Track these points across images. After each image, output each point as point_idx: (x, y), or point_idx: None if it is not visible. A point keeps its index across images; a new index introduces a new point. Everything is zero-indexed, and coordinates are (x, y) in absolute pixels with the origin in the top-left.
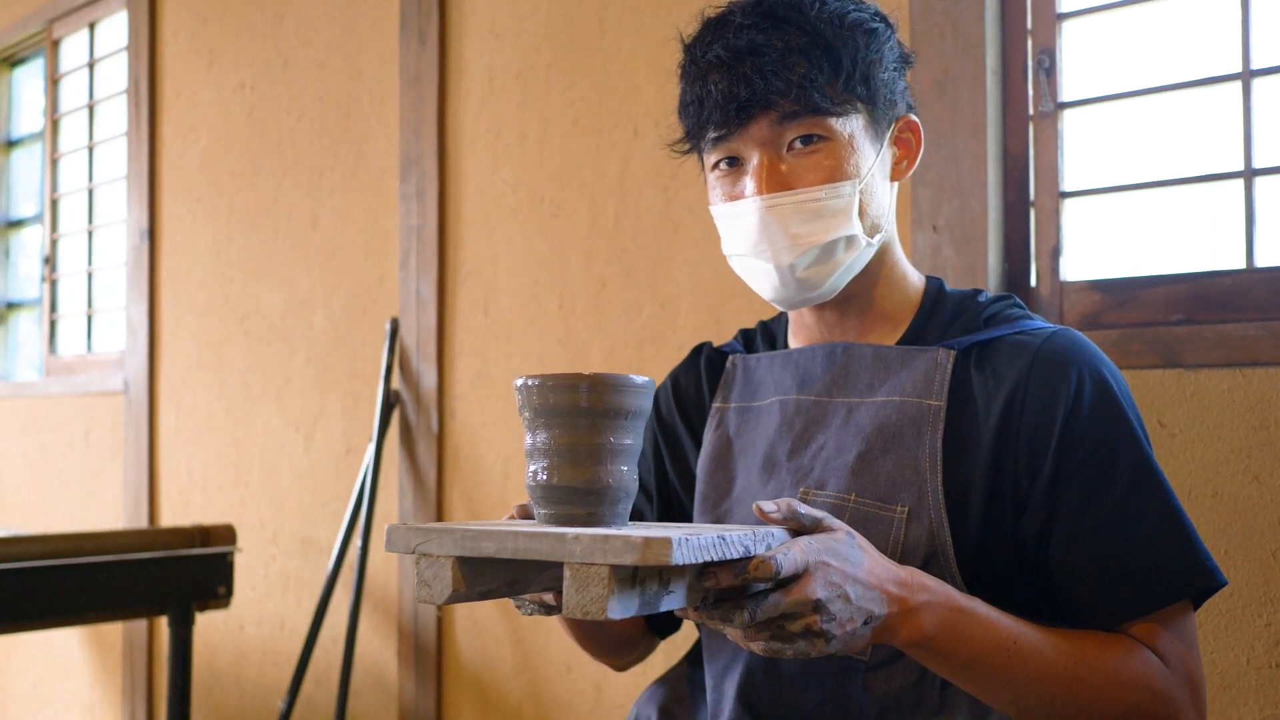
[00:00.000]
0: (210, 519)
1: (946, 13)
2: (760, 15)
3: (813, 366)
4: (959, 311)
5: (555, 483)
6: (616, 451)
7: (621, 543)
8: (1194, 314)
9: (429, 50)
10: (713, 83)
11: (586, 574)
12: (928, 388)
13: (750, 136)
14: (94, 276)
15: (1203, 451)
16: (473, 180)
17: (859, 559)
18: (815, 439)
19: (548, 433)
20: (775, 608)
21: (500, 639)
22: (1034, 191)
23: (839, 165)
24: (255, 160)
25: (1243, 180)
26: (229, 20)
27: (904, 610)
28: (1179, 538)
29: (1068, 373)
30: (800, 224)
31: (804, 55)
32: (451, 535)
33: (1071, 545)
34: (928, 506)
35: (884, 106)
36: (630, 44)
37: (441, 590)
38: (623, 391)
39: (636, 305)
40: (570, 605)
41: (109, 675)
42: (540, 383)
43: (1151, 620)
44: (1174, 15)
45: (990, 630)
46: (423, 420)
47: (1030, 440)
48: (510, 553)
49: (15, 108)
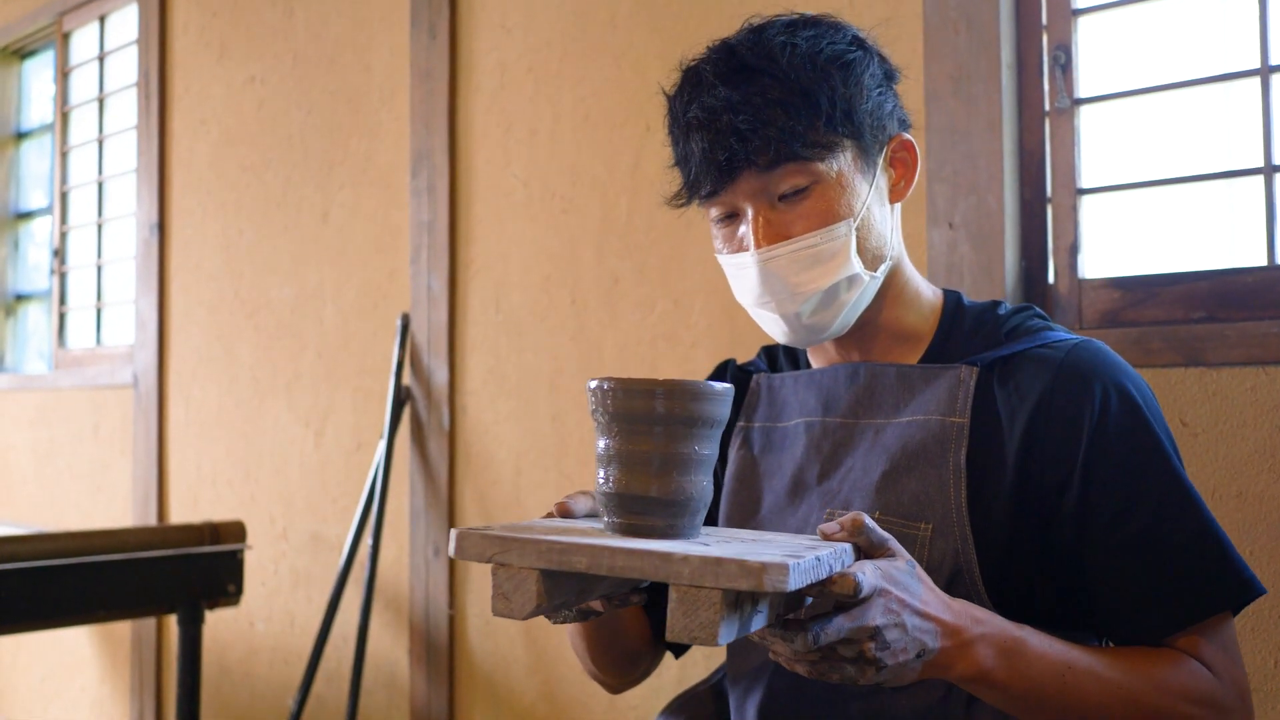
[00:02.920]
0: (219, 514)
1: (961, 9)
2: (732, 69)
3: (836, 387)
4: (979, 325)
5: (631, 491)
6: (697, 461)
7: (737, 567)
8: (1215, 312)
9: (440, 44)
10: (694, 142)
11: (696, 597)
12: (951, 405)
13: (739, 191)
14: (103, 269)
15: (1226, 450)
16: (484, 175)
17: (917, 589)
18: (844, 462)
19: (623, 439)
20: (839, 632)
21: (513, 638)
22: (1051, 188)
23: (830, 207)
24: (265, 154)
25: (1262, 177)
26: (239, 14)
27: (958, 644)
28: (1215, 548)
29: (1092, 386)
30: (799, 272)
31: (780, 106)
32: (536, 547)
33: (1108, 560)
34: (952, 524)
35: (872, 134)
36: (642, 39)
37: (524, 604)
38: (703, 399)
39: (649, 301)
40: (675, 629)
41: (118, 671)
42: (616, 386)
43: (1194, 632)
44: (1191, 10)
45: (1045, 658)
46: (434, 416)
47: (1056, 455)
48: (606, 570)
49: (25, 100)
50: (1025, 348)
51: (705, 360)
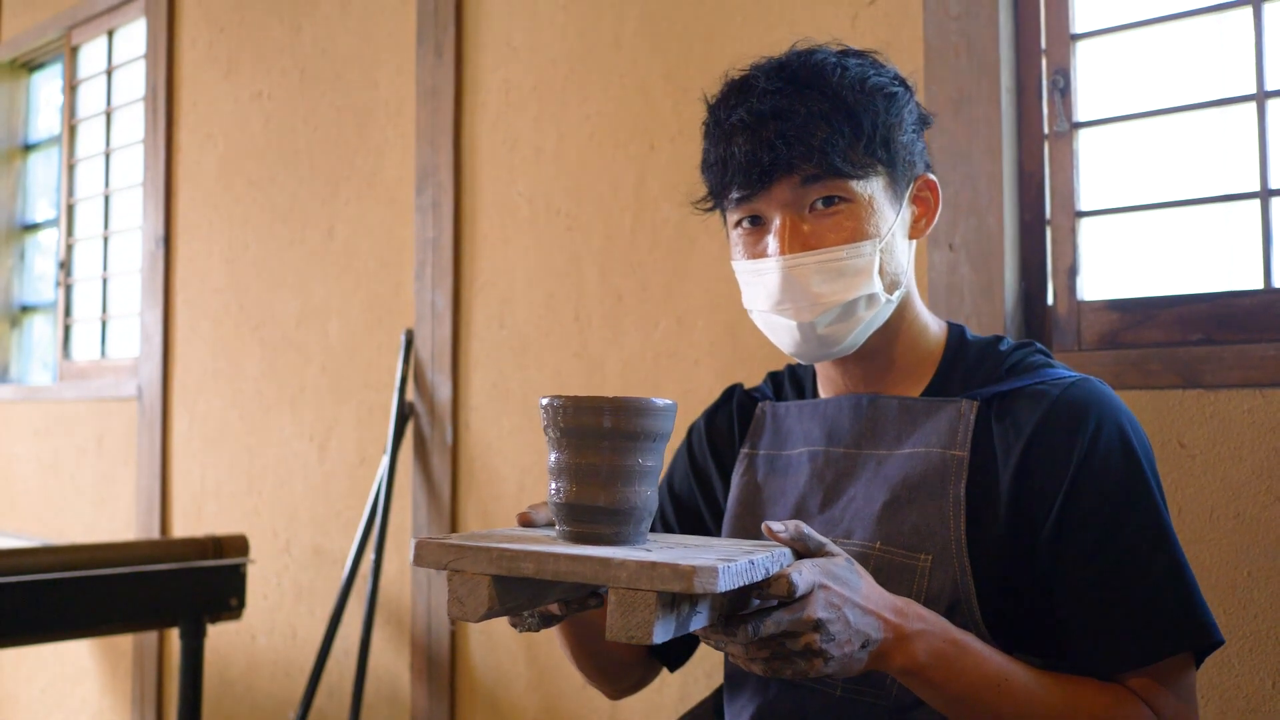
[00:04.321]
0: (222, 527)
1: (961, 33)
2: (784, 80)
3: (840, 418)
4: (981, 360)
5: (580, 502)
6: (642, 473)
7: (669, 570)
8: (1213, 334)
9: (446, 63)
10: (736, 145)
11: (633, 599)
12: (951, 438)
13: (773, 198)
14: (109, 282)
15: (1224, 472)
16: (488, 192)
17: (857, 584)
18: (846, 491)
19: (573, 453)
20: (777, 625)
21: (514, 654)
22: (1050, 210)
23: (860, 226)
24: (271, 169)
25: (1259, 201)
26: (247, 29)
27: (899, 637)
28: (1182, 592)
29: (1085, 420)
30: (822, 283)
31: (826, 120)
32: (488, 554)
33: (1076, 590)
34: (951, 555)
35: (903, 168)
36: (646, 59)
37: (476, 608)
38: (647, 415)
39: (652, 319)
40: (615, 629)
41: (119, 683)
42: (566, 404)
43: (1149, 674)
44: (1188, 36)
45: (982, 665)
46: (437, 432)
47: (1043, 488)
48: (551, 575)
49: (33, 112)
50: (1024, 384)
51: (707, 378)
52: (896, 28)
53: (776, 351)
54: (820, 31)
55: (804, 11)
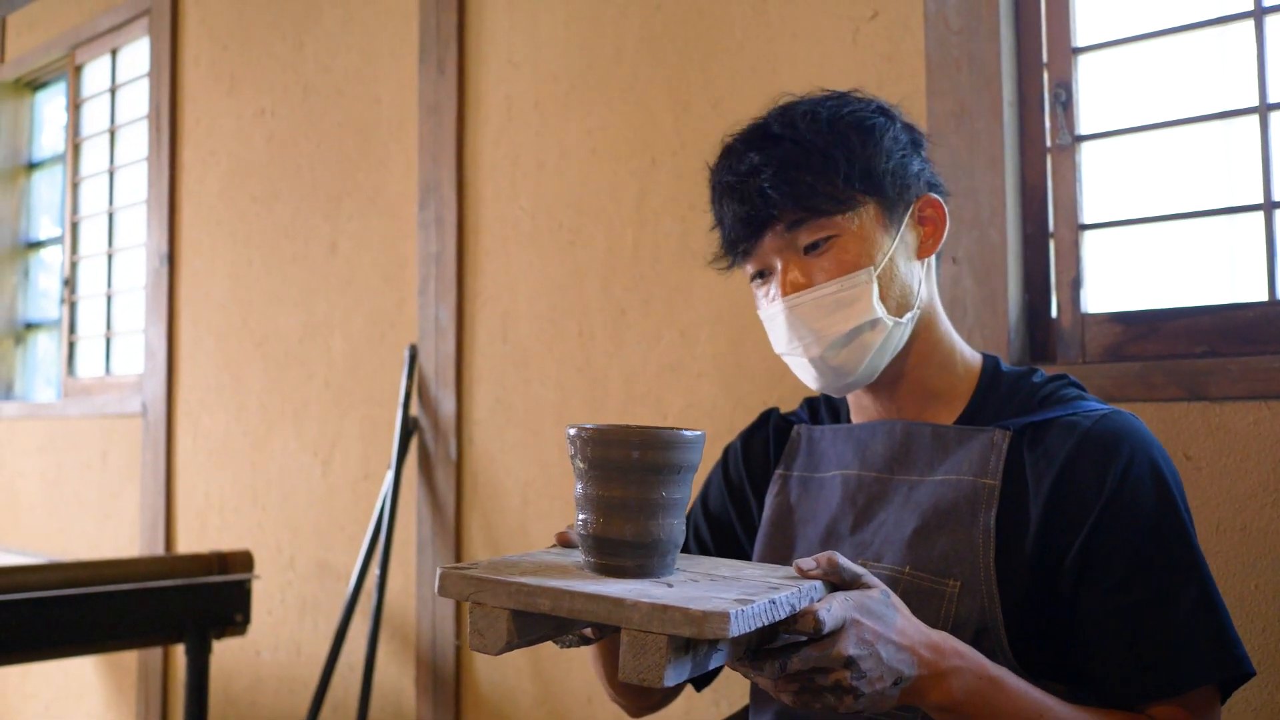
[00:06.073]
0: (227, 543)
1: (963, 46)
2: (759, 137)
3: (873, 443)
4: (1015, 391)
5: (606, 535)
6: (668, 506)
7: (680, 615)
8: (1217, 346)
9: (448, 79)
10: (726, 206)
11: (644, 641)
12: (983, 467)
13: (767, 248)
14: (113, 299)
15: (1230, 484)
16: (491, 207)
17: (892, 618)
18: (877, 515)
19: (600, 485)
20: (805, 661)
21: (520, 669)
22: (1053, 223)
23: (851, 258)
24: (274, 185)
25: (1262, 213)
26: (250, 47)
27: (934, 674)
28: (1213, 623)
29: (1118, 451)
30: (822, 318)
31: (799, 166)
32: (507, 589)
33: (1105, 621)
34: (980, 582)
35: (894, 193)
36: (647, 73)
37: (495, 640)
38: (675, 447)
39: (655, 333)
40: (626, 669)
41: (123, 699)
42: (593, 435)
43: (1177, 704)
44: (1190, 48)
45: (1018, 702)
46: (441, 447)
47: (1074, 516)
48: (565, 612)
49: (37, 131)
50: (1057, 415)
51: (711, 391)
52: (897, 42)
53: (780, 365)
54: (821, 46)
55: (805, 27)
